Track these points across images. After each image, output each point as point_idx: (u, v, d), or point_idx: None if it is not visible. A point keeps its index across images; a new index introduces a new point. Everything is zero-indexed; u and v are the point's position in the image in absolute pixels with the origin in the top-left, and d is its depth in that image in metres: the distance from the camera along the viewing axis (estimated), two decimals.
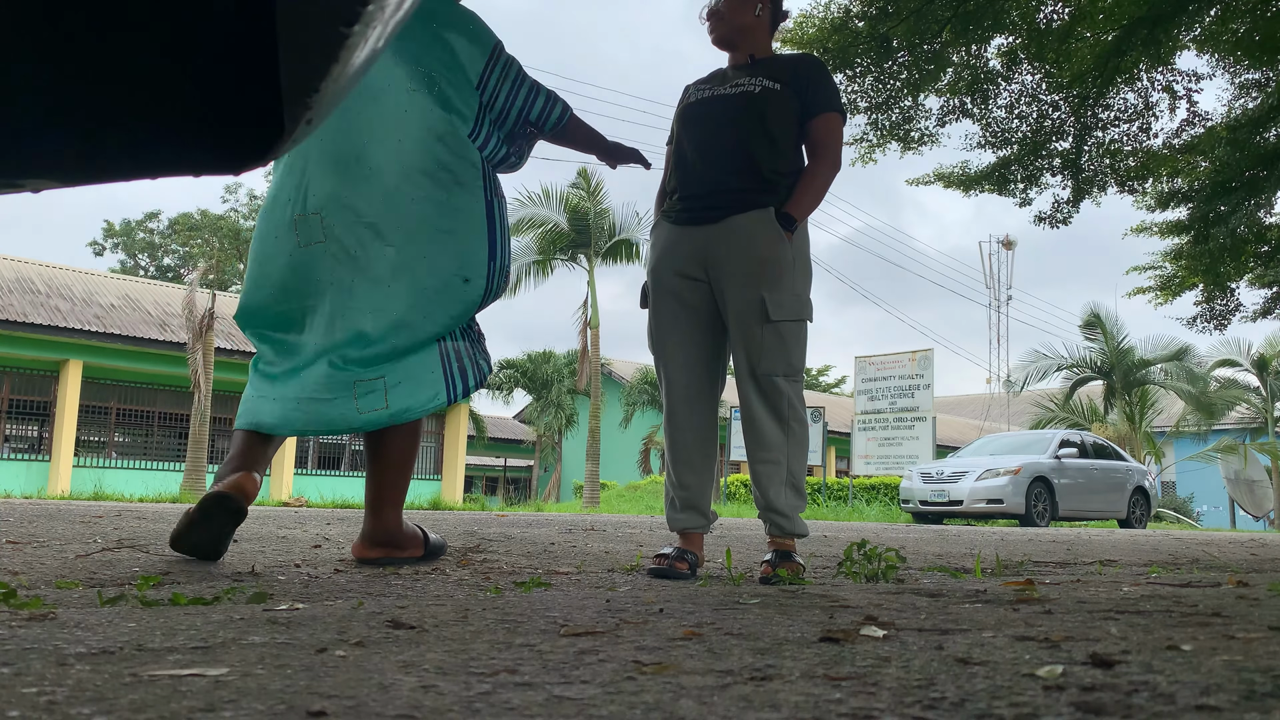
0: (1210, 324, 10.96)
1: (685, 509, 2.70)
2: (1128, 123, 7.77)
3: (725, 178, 2.63)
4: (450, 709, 0.76)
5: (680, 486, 2.71)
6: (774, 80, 2.64)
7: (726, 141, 2.64)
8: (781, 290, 2.58)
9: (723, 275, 2.63)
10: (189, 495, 13.54)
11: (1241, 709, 0.77)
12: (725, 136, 2.64)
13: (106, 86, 0.51)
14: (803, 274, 2.65)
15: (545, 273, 20.88)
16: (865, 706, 0.78)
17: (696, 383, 2.72)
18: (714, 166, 2.65)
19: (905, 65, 7.14)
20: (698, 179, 2.68)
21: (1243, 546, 6.39)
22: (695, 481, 2.70)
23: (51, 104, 0.51)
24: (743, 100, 2.63)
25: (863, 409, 17.79)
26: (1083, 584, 2.14)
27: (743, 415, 2.64)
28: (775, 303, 2.56)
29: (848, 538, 5.36)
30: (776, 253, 2.58)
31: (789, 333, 2.58)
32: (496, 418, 35.14)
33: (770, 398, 2.59)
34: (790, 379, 2.60)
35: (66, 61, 0.49)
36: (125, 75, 0.50)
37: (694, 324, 2.70)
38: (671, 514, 2.74)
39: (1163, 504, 23.97)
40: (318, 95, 0.53)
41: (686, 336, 2.70)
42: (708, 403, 2.74)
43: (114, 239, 39.63)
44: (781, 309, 2.57)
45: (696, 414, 2.71)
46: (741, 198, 2.61)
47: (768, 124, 2.61)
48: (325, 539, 3.71)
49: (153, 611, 1.41)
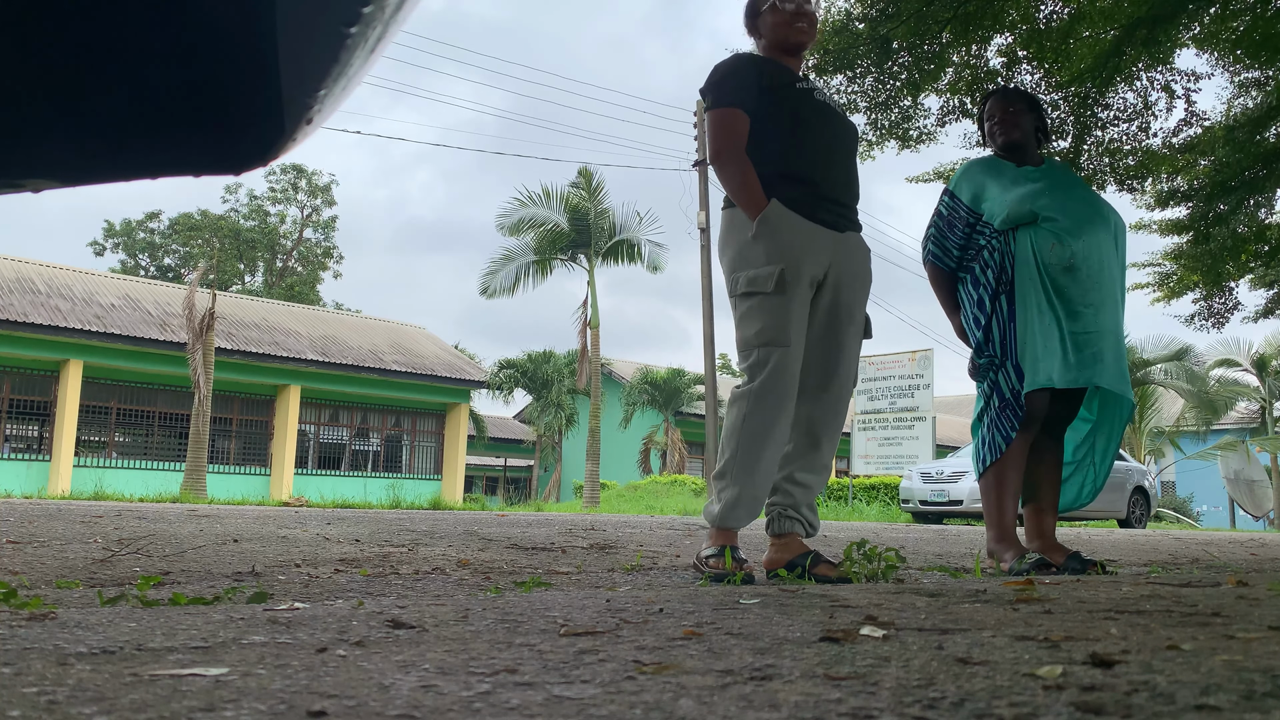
0: (1209, 322, 10.96)
1: (755, 507, 2.59)
2: (1127, 122, 7.77)
3: (847, 193, 2.75)
4: (450, 709, 0.76)
5: (763, 487, 2.59)
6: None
7: (850, 160, 2.80)
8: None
9: (848, 287, 2.71)
10: (189, 495, 13.55)
11: (1241, 709, 0.77)
12: (850, 155, 2.81)
13: (106, 87, 0.51)
14: None
15: (545, 273, 20.88)
16: (865, 706, 0.78)
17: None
18: (842, 177, 2.74)
19: (905, 66, 7.14)
20: (840, 185, 2.72)
21: (1243, 546, 6.39)
22: (770, 484, 2.63)
23: (52, 104, 0.51)
24: (853, 128, 2.86)
25: (862, 409, 17.79)
26: (1083, 584, 2.14)
27: (829, 421, 2.72)
28: (870, 323, 2.83)
29: (848, 537, 5.36)
30: (871, 278, 2.85)
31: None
32: (496, 418, 35.16)
33: (845, 410, 2.76)
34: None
35: (66, 61, 0.49)
36: (125, 76, 0.50)
37: (805, 327, 2.67)
38: (738, 513, 2.57)
39: (1162, 504, 23.97)
40: (318, 96, 0.53)
41: (802, 338, 2.65)
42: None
43: (114, 239, 39.63)
44: (871, 329, 2.84)
45: (792, 418, 2.65)
46: (855, 217, 2.79)
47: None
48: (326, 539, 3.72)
49: (153, 611, 1.41)
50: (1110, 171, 8.16)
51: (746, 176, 2.61)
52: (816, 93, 2.75)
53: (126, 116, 0.52)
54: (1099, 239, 3.05)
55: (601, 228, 20.47)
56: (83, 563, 2.54)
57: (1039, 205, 3.04)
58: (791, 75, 2.73)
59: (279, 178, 40.05)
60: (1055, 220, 3.03)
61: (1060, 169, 3.30)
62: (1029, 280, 3.04)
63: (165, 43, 0.49)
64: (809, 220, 2.62)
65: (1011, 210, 3.06)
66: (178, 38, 0.49)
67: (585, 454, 20.64)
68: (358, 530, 4.40)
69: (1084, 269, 3.00)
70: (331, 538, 3.79)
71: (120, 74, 0.50)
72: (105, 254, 39.65)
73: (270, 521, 5.12)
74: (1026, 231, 3.06)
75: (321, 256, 41.71)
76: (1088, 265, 3.01)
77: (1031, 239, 3.04)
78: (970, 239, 3.19)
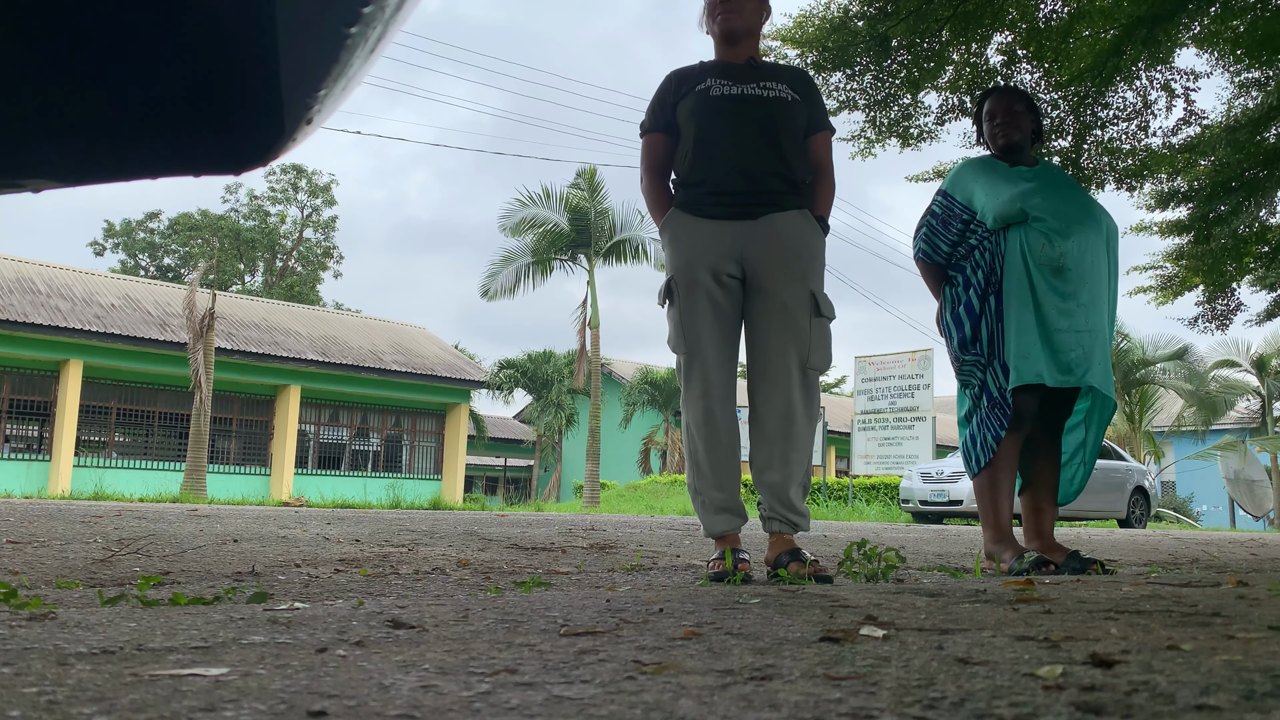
0: (1212, 324, 10.95)
1: (724, 511, 2.64)
2: (1127, 121, 7.77)
3: (764, 177, 2.66)
4: (450, 709, 0.76)
5: (719, 489, 2.63)
6: (792, 91, 2.73)
7: (766, 142, 2.67)
8: (822, 288, 2.70)
9: (768, 269, 2.62)
10: (189, 495, 13.54)
11: (1241, 709, 0.77)
12: (764, 137, 2.67)
13: (107, 87, 0.51)
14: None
15: (545, 273, 20.88)
16: (865, 706, 0.78)
17: (728, 383, 2.68)
18: (753, 164, 2.65)
19: (905, 64, 7.14)
20: (735, 174, 2.65)
21: (1243, 546, 6.39)
22: (732, 483, 2.66)
23: (52, 104, 0.51)
24: (778, 105, 2.70)
25: (862, 409, 17.79)
26: (1083, 584, 2.14)
27: (775, 410, 2.62)
28: (823, 299, 2.68)
29: (848, 537, 5.36)
30: (819, 252, 2.71)
31: (827, 330, 2.70)
32: (496, 418, 35.16)
33: (809, 392, 2.66)
34: (820, 376, 2.71)
35: (66, 62, 0.49)
36: (125, 76, 0.50)
37: (726, 323, 2.66)
38: (710, 518, 2.64)
39: (1162, 504, 23.97)
40: (318, 96, 0.53)
41: (721, 335, 2.65)
42: (734, 404, 2.72)
43: (114, 239, 39.62)
44: (828, 305, 2.69)
45: (729, 415, 2.66)
46: (778, 198, 2.66)
47: (795, 132, 2.71)
48: (326, 539, 3.72)
49: (153, 611, 1.41)
50: (1110, 171, 8.15)
51: (650, 194, 2.78)
52: (714, 88, 2.69)
53: (126, 117, 0.52)
54: (1089, 239, 3.06)
55: (602, 228, 20.47)
56: (83, 563, 2.54)
57: (1029, 205, 3.05)
58: (700, 78, 2.72)
59: (279, 178, 40.06)
60: (1045, 220, 3.03)
61: (1053, 170, 3.31)
62: (1017, 279, 3.05)
63: (166, 43, 0.49)
64: (706, 219, 2.63)
65: (1001, 209, 3.07)
66: (178, 38, 0.49)
67: (585, 454, 20.64)
68: (358, 530, 4.40)
69: (1074, 269, 3.01)
70: (331, 538, 3.79)
71: (120, 74, 0.50)
72: (105, 254, 39.68)
73: (270, 521, 5.12)
74: (1017, 231, 3.07)
75: (321, 256, 41.71)
76: (1078, 265, 3.02)
77: (1022, 239, 3.05)
78: (963, 238, 3.19)
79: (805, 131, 2.74)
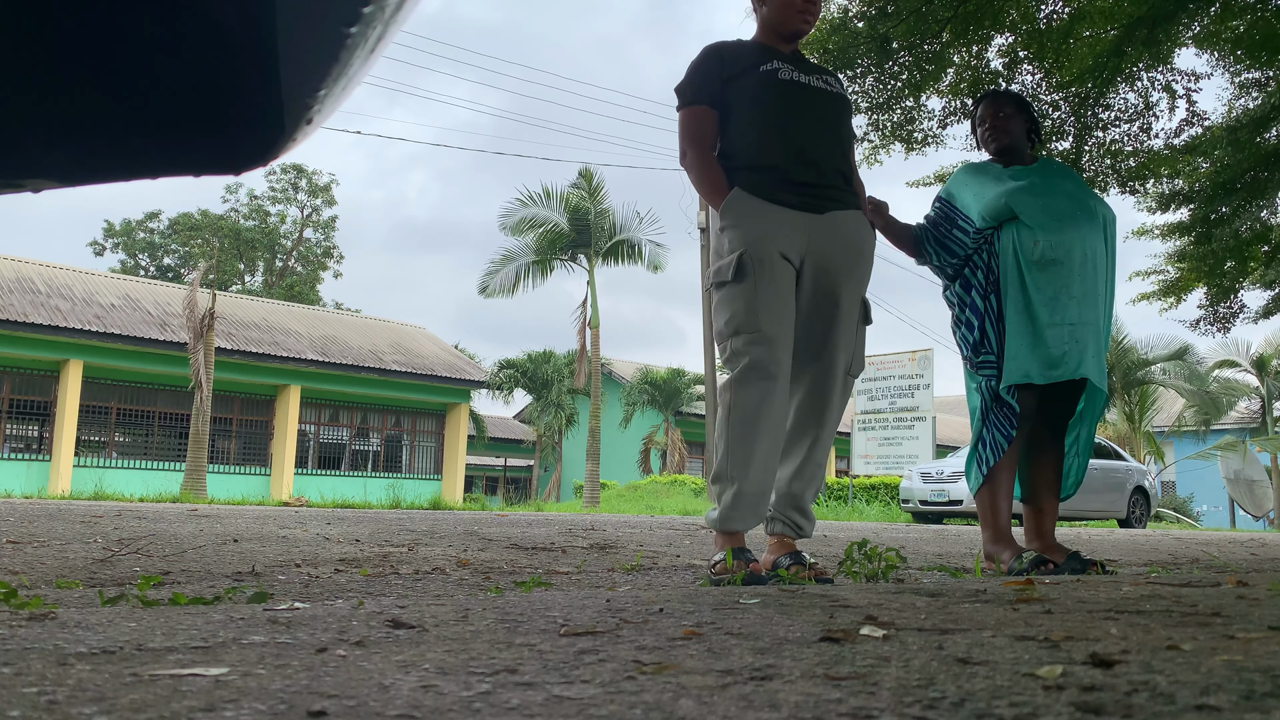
0: (1214, 326, 10.95)
1: (754, 507, 2.47)
2: (1128, 123, 7.76)
3: (830, 171, 2.63)
4: (450, 709, 0.76)
5: (758, 483, 2.45)
6: (843, 93, 2.77)
7: (832, 137, 2.67)
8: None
9: (832, 269, 2.56)
10: (189, 495, 13.54)
11: (1241, 709, 0.77)
12: (830, 131, 2.67)
13: (107, 87, 0.51)
14: None
15: (545, 273, 20.89)
16: (865, 706, 0.78)
17: (789, 371, 2.54)
18: (821, 156, 2.62)
19: (906, 66, 7.13)
20: (806, 164, 2.59)
21: (1243, 546, 6.39)
22: (770, 480, 2.50)
23: (52, 104, 0.51)
24: (842, 103, 2.73)
25: (862, 409, 17.79)
26: (1083, 584, 2.14)
27: (813, 411, 2.57)
28: (868, 307, 2.70)
29: (848, 537, 5.36)
30: (872, 258, 2.72)
31: (865, 337, 2.71)
32: (496, 417, 35.15)
33: (844, 398, 2.63)
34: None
35: (66, 62, 0.49)
36: (125, 76, 0.50)
37: (790, 310, 2.53)
38: (737, 514, 2.46)
39: (1162, 504, 23.97)
40: (318, 96, 0.53)
41: (789, 320, 2.51)
42: (788, 396, 2.58)
43: (114, 239, 39.61)
44: (870, 312, 2.70)
45: (786, 406, 2.53)
46: (842, 195, 2.64)
47: (851, 132, 2.76)
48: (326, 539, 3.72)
49: (153, 611, 1.41)
50: (1112, 173, 8.15)
51: (706, 170, 2.60)
52: (782, 71, 2.62)
53: (127, 117, 0.52)
54: (1083, 233, 3.07)
55: (602, 228, 20.48)
56: (83, 563, 2.54)
57: (1015, 201, 3.07)
58: (759, 57, 2.64)
59: (279, 178, 40.05)
60: (1035, 215, 3.05)
61: (1051, 166, 3.32)
62: (1009, 276, 3.07)
63: (166, 43, 0.49)
64: (773, 204, 2.53)
65: (987, 206, 3.09)
66: (178, 38, 0.49)
67: (585, 454, 20.64)
68: (358, 530, 4.40)
69: (1064, 261, 3.02)
70: (331, 538, 3.79)
71: (120, 74, 0.50)
72: (105, 254, 39.66)
73: (270, 521, 5.12)
74: (1009, 228, 3.09)
75: (321, 256, 41.71)
76: (1069, 258, 3.03)
77: (1014, 235, 3.07)
78: (950, 234, 3.22)
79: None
